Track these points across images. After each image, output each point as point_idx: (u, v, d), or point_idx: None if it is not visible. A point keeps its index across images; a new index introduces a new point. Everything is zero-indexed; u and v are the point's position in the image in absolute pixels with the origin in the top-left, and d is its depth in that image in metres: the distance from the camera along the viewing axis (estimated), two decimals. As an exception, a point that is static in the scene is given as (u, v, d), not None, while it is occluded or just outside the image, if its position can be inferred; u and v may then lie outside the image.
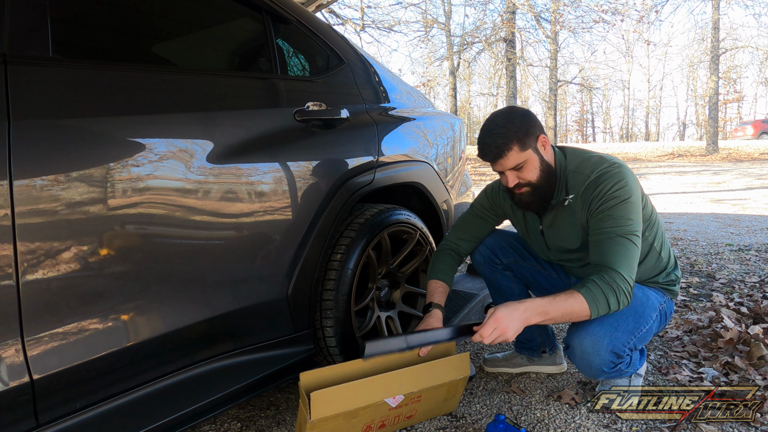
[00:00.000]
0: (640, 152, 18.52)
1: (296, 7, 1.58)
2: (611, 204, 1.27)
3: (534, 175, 1.33)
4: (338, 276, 1.43)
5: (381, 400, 1.20)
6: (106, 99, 1.01)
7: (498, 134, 1.29)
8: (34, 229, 0.87)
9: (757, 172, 10.35)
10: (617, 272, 1.21)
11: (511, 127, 1.29)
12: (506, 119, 1.31)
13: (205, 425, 1.43)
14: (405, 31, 25.08)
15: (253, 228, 1.25)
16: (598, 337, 1.28)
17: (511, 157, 1.30)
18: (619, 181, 1.28)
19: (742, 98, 35.82)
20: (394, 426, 1.32)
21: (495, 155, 1.30)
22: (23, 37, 0.91)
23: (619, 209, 1.26)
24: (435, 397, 1.32)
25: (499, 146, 1.29)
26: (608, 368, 1.31)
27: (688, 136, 40.80)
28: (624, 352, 1.31)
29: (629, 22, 17.99)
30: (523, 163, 1.31)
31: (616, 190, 1.28)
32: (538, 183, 1.34)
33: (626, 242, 1.25)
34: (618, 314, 1.30)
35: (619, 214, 1.26)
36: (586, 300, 1.20)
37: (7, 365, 0.85)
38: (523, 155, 1.30)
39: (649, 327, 1.36)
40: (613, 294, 1.20)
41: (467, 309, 2.02)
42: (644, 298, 1.37)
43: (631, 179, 1.30)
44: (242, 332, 1.26)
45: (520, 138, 1.29)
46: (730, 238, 3.92)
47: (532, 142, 1.31)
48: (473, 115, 35.82)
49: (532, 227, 1.52)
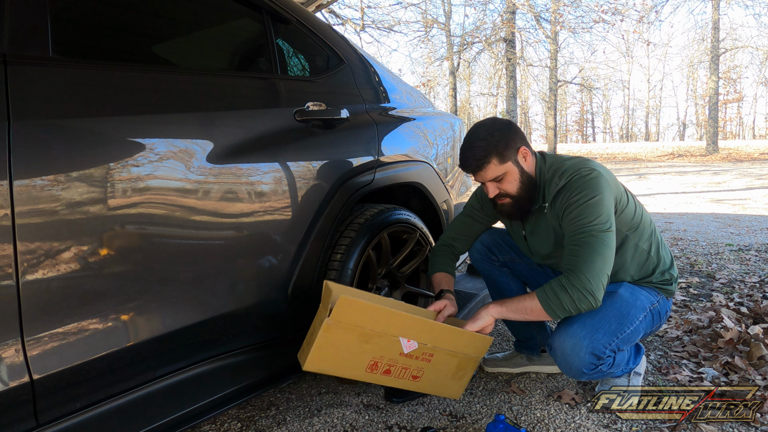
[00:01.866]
0: (640, 152, 18.52)
1: (296, 7, 1.58)
2: (573, 209, 1.29)
3: (514, 187, 1.37)
4: (338, 276, 1.43)
5: (396, 337, 1.19)
6: (106, 99, 1.01)
7: (477, 147, 1.33)
8: (34, 229, 0.87)
9: (757, 172, 10.36)
10: (576, 273, 1.23)
11: (491, 140, 1.32)
12: (487, 132, 1.34)
13: (205, 425, 1.43)
14: (405, 31, 25.08)
15: (253, 228, 1.25)
16: (578, 339, 1.29)
17: (490, 169, 1.34)
18: (581, 185, 1.30)
19: (742, 98, 35.84)
20: (398, 380, 1.28)
21: (474, 167, 1.35)
22: (23, 37, 0.91)
23: (582, 211, 1.27)
24: (445, 365, 1.31)
25: (478, 159, 1.33)
26: (588, 369, 1.31)
27: (688, 136, 40.84)
28: (604, 354, 1.30)
29: (629, 23, 18.00)
30: (503, 176, 1.35)
31: (578, 194, 1.29)
32: (518, 195, 1.38)
33: (592, 240, 1.25)
34: (600, 316, 1.31)
35: (582, 216, 1.27)
36: (539, 299, 1.26)
37: (7, 365, 0.85)
38: (503, 167, 1.34)
39: (635, 328, 1.36)
40: (566, 294, 1.22)
41: (467, 309, 2.02)
42: (632, 299, 1.37)
43: (597, 181, 1.30)
44: (242, 332, 1.26)
45: (500, 151, 1.33)
46: (730, 238, 3.92)
47: (512, 155, 1.34)
48: (473, 115, 35.80)
49: (516, 232, 1.55)
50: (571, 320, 1.32)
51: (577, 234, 1.27)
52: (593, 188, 1.29)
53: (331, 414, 1.45)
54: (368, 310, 1.14)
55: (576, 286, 1.21)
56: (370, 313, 1.14)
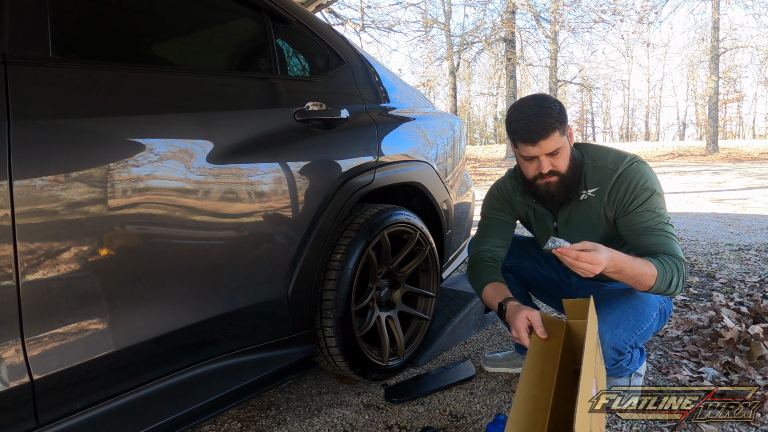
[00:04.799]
0: (640, 152, 18.51)
1: (296, 7, 1.58)
2: (645, 197, 1.29)
3: (565, 164, 1.31)
4: (338, 276, 1.43)
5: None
6: (106, 99, 1.01)
7: (546, 114, 1.24)
8: (34, 229, 0.87)
9: (757, 172, 10.35)
10: (680, 259, 1.25)
11: (554, 109, 1.26)
12: (547, 102, 1.27)
13: (205, 425, 1.43)
14: (405, 31, 25.10)
15: (253, 228, 1.25)
16: (600, 334, 1.28)
17: (553, 139, 1.26)
18: (644, 174, 1.31)
19: (742, 98, 35.82)
20: None
21: (540, 135, 1.24)
22: (23, 37, 0.91)
23: (653, 202, 1.29)
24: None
25: (545, 126, 1.23)
26: (609, 365, 1.31)
27: (688, 136, 40.83)
28: (625, 349, 1.31)
29: (629, 23, 18.00)
30: (560, 149, 1.28)
31: (644, 183, 1.30)
32: (567, 173, 1.32)
33: (670, 232, 1.28)
34: (620, 311, 1.31)
35: (653, 206, 1.29)
36: (657, 271, 1.20)
37: (7, 365, 0.85)
38: (562, 140, 1.28)
39: (650, 325, 1.36)
40: (677, 276, 1.23)
41: (467, 309, 2.02)
42: (645, 297, 1.37)
43: (652, 172, 1.34)
44: (242, 332, 1.26)
45: (561, 122, 1.27)
46: (730, 237, 3.92)
47: (566, 131, 1.31)
48: (473, 115, 35.79)
49: (543, 225, 1.49)
50: None
51: (657, 223, 1.28)
52: (654, 180, 1.31)
53: (331, 414, 1.45)
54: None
55: (682, 273, 1.24)
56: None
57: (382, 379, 1.64)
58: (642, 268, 1.20)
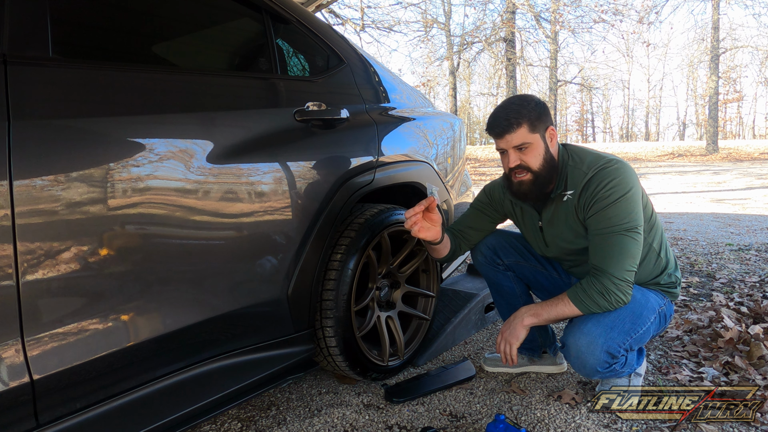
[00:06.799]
0: (640, 152, 18.51)
1: (296, 7, 1.58)
2: (606, 203, 1.28)
3: (536, 162, 1.34)
4: (338, 276, 1.43)
5: None
6: (106, 99, 1.01)
7: (511, 110, 1.32)
8: (34, 229, 0.87)
9: (757, 172, 10.36)
10: (606, 273, 1.25)
11: (525, 106, 1.32)
12: (522, 99, 1.35)
13: (205, 425, 1.43)
14: (405, 31, 25.09)
15: (253, 228, 1.25)
16: (594, 337, 1.28)
17: (519, 134, 1.32)
18: (614, 179, 1.28)
19: (742, 98, 35.82)
20: None
21: (504, 128, 1.32)
22: (23, 37, 0.91)
23: (614, 207, 1.27)
24: None
25: (509, 120, 1.31)
26: (602, 368, 1.31)
27: (688, 136, 40.84)
28: (619, 353, 1.31)
29: (629, 23, 18.01)
30: (528, 145, 1.32)
31: (611, 187, 1.28)
32: (539, 172, 1.34)
33: (622, 239, 1.25)
34: (615, 314, 1.31)
35: (614, 212, 1.27)
36: (572, 302, 1.30)
37: (7, 365, 0.85)
38: (531, 137, 1.32)
39: (647, 329, 1.36)
40: (600, 296, 1.26)
41: (467, 309, 2.02)
42: (643, 300, 1.37)
43: (628, 175, 1.30)
44: (242, 332, 1.26)
45: (532, 120, 1.31)
46: (730, 237, 3.92)
47: (541, 129, 1.33)
48: (473, 115, 35.80)
49: (530, 224, 1.52)
50: (586, 318, 1.32)
51: (609, 231, 1.27)
52: (626, 182, 1.28)
53: (331, 414, 1.45)
54: None
55: (610, 288, 1.25)
56: None
57: (382, 379, 1.64)
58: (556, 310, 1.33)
